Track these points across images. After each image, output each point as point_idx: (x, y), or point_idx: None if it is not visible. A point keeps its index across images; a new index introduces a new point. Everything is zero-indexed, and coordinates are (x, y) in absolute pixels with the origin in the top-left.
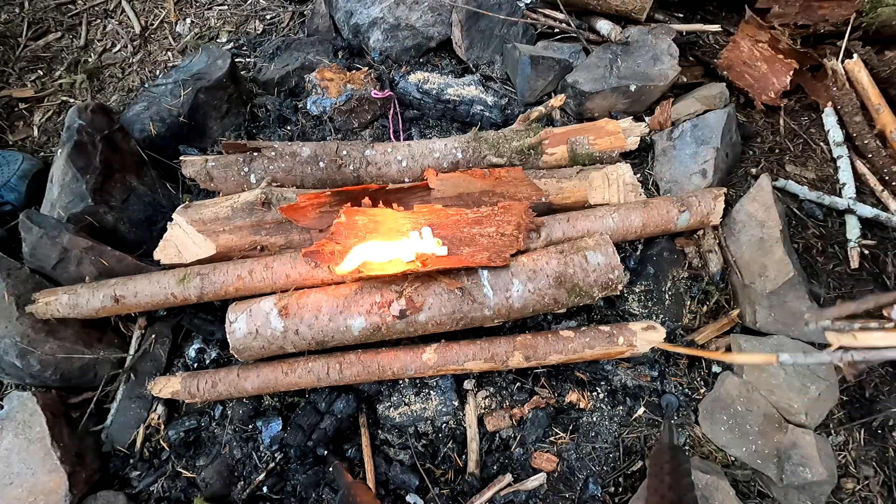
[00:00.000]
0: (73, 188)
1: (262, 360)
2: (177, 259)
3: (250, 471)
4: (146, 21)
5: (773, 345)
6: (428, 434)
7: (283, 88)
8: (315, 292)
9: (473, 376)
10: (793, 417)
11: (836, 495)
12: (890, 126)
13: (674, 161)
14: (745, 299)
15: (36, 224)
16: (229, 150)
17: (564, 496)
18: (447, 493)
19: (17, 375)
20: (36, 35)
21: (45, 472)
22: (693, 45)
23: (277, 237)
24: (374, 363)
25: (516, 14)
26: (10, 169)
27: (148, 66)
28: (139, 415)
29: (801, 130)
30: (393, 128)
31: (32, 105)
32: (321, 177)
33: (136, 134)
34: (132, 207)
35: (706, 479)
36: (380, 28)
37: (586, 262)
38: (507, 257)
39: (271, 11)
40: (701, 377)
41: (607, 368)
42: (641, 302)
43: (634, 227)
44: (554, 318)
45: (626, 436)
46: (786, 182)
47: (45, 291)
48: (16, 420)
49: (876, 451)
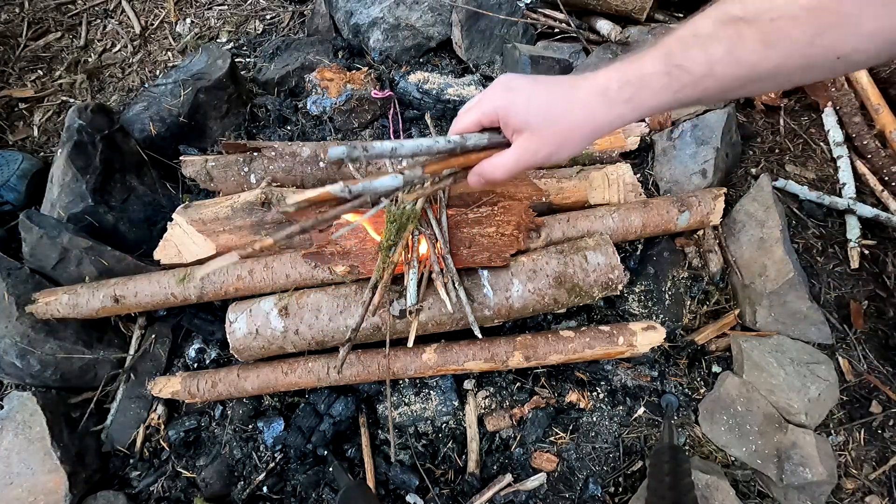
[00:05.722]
0: (73, 188)
1: (262, 360)
2: (177, 259)
3: (250, 471)
4: (146, 21)
5: (774, 345)
6: (428, 434)
7: (283, 88)
8: (315, 292)
9: (473, 376)
10: (793, 417)
11: (836, 495)
12: (889, 126)
13: (674, 161)
14: (745, 299)
15: (36, 224)
16: (229, 150)
17: (564, 496)
18: (447, 493)
19: (17, 375)
20: (36, 35)
21: (45, 472)
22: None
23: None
24: (374, 363)
25: (516, 14)
26: (9, 169)
27: (148, 66)
28: (139, 415)
29: (801, 130)
30: (393, 128)
31: (32, 105)
32: (321, 177)
33: (136, 134)
34: (132, 207)
35: (706, 479)
36: (380, 28)
37: (586, 262)
38: (507, 257)
39: (271, 11)
40: (701, 377)
41: (607, 368)
42: (641, 302)
43: (634, 227)
44: (554, 318)
45: (626, 436)
46: (786, 182)
47: (45, 291)
48: (16, 420)
49: (876, 451)
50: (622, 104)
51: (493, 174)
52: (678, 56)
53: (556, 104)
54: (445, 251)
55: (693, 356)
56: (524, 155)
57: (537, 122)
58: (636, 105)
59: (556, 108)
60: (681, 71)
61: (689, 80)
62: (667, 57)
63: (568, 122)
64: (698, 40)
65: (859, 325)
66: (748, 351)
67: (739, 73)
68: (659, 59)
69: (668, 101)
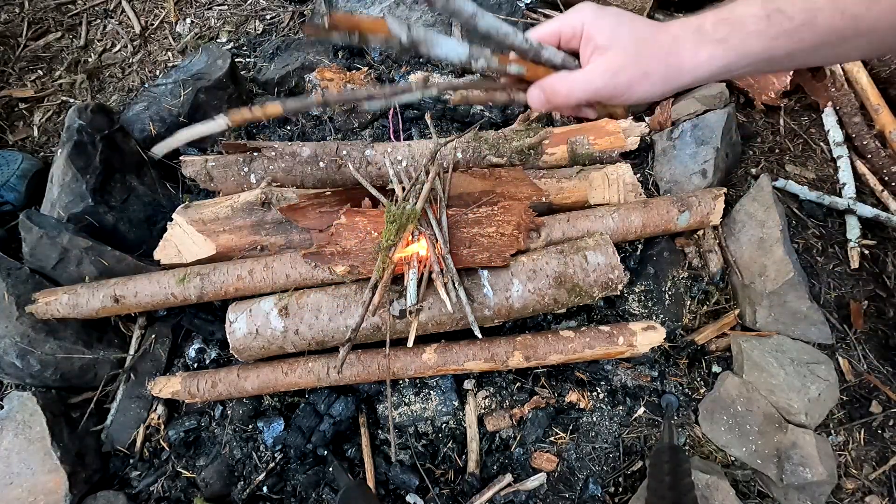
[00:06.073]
0: (73, 188)
1: (262, 360)
2: (177, 259)
3: (250, 471)
4: (146, 21)
5: (774, 345)
6: (428, 434)
7: (283, 88)
8: (315, 292)
9: (473, 376)
10: (793, 417)
11: (836, 495)
12: (889, 126)
13: (674, 161)
14: (745, 299)
15: (36, 224)
16: (229, 150)
17: (564, 496)
18: (447, 493)
19: (17, 375)
20: (36, 35)
21: (45, 472)
22: None
23: (277, 237)
24: (374, 363)
25: (516, 14)
26: (9, 169)
27: (148, 66)
28: (139, 415)
29: (801, 130)
30: (393, 128)
31: (32, 105)
32: (321, 177)
33: (136, 134)
34: (132, 207)
35: (706, 479)
36: None
37: (586, 262)
38: (507, 257)
39: (271, 11)
40: (701, 377)
41: (607, 368)
42: (641, 302)
43: (634, 227)
44: (554, 318)
45: (626, 436)
46: (786, 182)
47: (45, 291)
48: (16, 420)
49: (876, 451)
50: (715, 43)
51: (560, 91)
52: (780, 0)
53: (646, 31)
54: (445, 251)
55: (693, 356)
56: (603, 75)
57: (624, 42)
58: (730, 46)
59: (646, 34)
60: (781, 16)
61: (788, 26)
62: (767, 0)
63: (654, 51)
64: None
65: (859, 325)
66: (748, 351)
67: (840, 25)
68: (759, 2)
69: (762, 49)
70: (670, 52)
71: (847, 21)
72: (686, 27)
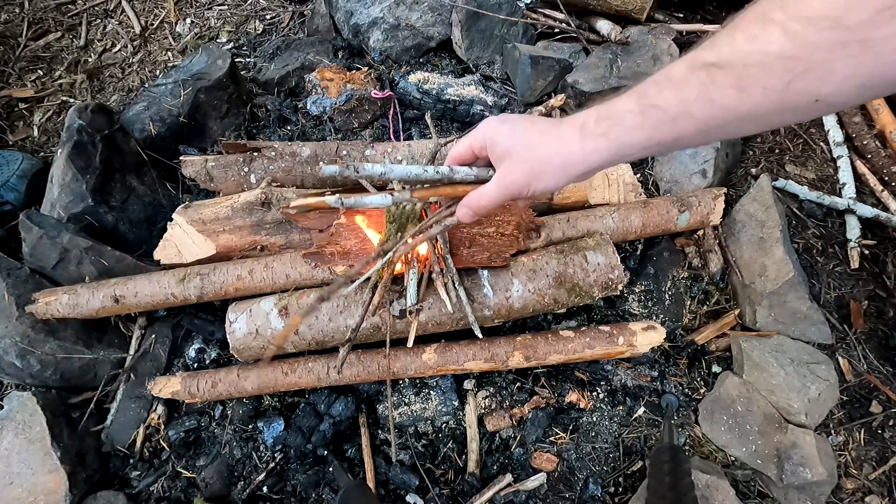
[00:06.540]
0: (73, 188)
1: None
2: (177, 259)
3: (250, 471)
4: (146, 21)
5: (774, 345)
6: (428, 434)
7: (283, 88)
8: (315, 292)
9: (473, 376)
10: (793, 417)
11: (836, 495)
12: (889, 126)
13: (674, 161)
14: (745, 299)
15: (36, 224)
16: (229, 150)
17: (564, 496)
18: (447, 493)
19: (17, 375)
20: (36, 35)
21: (45, 472)
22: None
23: (277, 237)
24: (374, 363)
25: (516, 14)
26: (9, 169)
27: (148, 66)
28: (139, 415)
29: (801, 130)
30: (393, 128)
31: (32, 105)
32: (321, 177)
33: (136, 134)
34: (132, 207)
35: (706, 479)
36: (380, 28)
37: (586, 262)
38: (507, 257)
39: (271, 11)
40: (701, 377)
41: (607, 368)
42: (641, 302)
43: (634, 227)
44: (554, 318)
45: (626, 436)
46: (786, 182)
47: (45, 291)
48: (16, 420)
49: (876, 451)
50: (597, 137)
51: (478, 203)
52: (652, 96)
53: (536, 135)
54: (445, 251)
55: (693, 356)
56: (503, 182)
57: (517, 149)
58: (612, 139)
59: (536, 138)
60: (656, 110)
61: (663, 117)
62: (641, 97)
63: (544, 152)
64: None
65: (859, 325)
66: (748, 351)
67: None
68: (633, 99)
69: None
70: (560, 150)
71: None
72: (573, 125)
